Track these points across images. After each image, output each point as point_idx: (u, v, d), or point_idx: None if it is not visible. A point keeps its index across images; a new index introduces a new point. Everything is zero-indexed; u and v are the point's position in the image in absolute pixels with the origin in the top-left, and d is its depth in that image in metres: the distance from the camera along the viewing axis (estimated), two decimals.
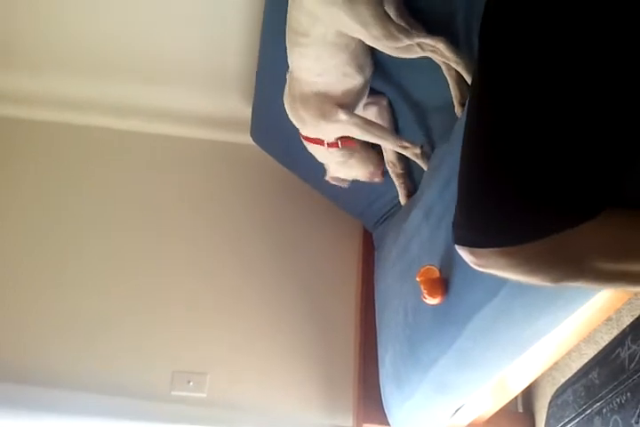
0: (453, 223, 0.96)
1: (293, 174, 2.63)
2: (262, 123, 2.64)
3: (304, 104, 2.01)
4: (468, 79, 1.72)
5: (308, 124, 2.07)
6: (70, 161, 2.82)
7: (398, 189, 2.22)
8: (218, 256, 2.63)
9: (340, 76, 1.94)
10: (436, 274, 1.54)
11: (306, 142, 2.16)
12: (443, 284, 1.50)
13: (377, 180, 2.21)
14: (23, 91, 2.84)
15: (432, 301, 1.53)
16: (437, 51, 1.74)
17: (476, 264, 0.93)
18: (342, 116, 1.97)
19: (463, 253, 0.94)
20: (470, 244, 0.92)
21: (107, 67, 2.79)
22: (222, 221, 2.72)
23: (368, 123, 1.99)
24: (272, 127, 2.52)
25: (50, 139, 2.86)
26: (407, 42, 1.75)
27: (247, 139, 2.75)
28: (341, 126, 1.99)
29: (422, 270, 1.58)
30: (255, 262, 2.61)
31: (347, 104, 2.00)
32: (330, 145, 2.11)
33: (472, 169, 0.94)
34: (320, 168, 2.28)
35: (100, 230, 2.65)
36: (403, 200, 2.24)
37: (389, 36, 1.75)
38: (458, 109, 1.78)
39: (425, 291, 1.53)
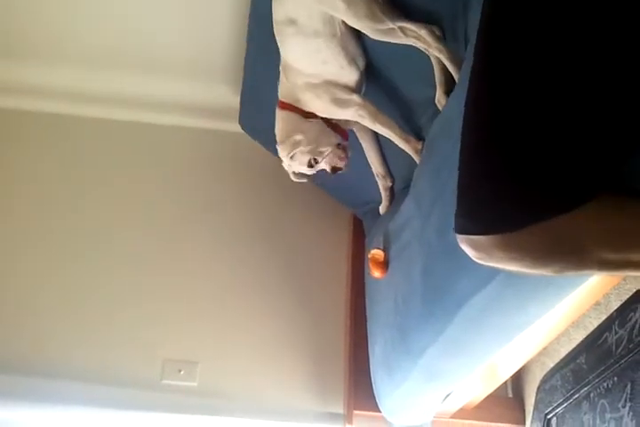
0: (455, 214, 0.96)
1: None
2: (251, 110, 2.63)
3: (315, 92, 1.97)
4: (450, 67, 1.73)
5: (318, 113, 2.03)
6: (59, 151, 2.81)
7: (383, 199, 2.23)
8: (206, 246, 2.62)
9: (338, 67, 1.94)
10: (382, 258, 1.97)
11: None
12: (385, 264, 1.95)
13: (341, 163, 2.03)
14: (11, 81, 2.82)
15: (375, 274, 1.98)
16: (420, 37, 1.74)
17: (476, 257, 0.93)
18: (357, 99, 1.95)
19: (464, 246, 0.94)
20: (468, 231, 0.92)
21: (94, 56, 2.78)
22: (211, 210, 2.71)
23: (379, 109, 1.96)
24: (261, 115, 2.50)
25: (38, 128, 2.84)
26: (390, 24, 1.75)
27: (236, 126, 2.73)
28: (354, 112, 1.96)
29: (373, 251, 2.01)
30: (244, 251, 2.61)
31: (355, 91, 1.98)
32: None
33: (468, 156, 0.94)
34: None
35: (89, 222, 2.63)
36: (383, 210, 2.25)
37: (372, 17, 1.75)
38: (440, 97, 1.78)
39: (370, 267, 2.00)
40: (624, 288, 1.68)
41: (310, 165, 2.01)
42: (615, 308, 1.67)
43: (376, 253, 2.00)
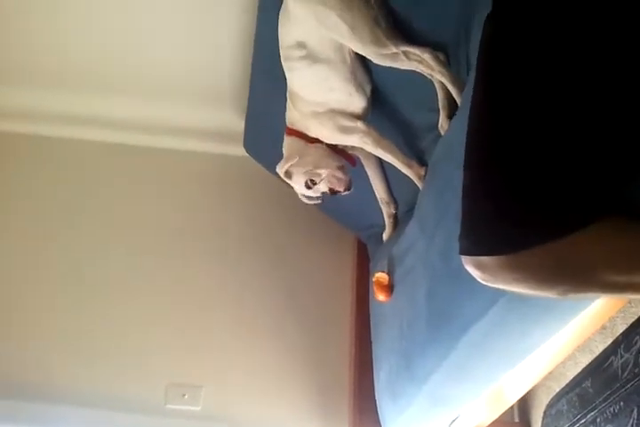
0: (459, 235, 0.96)
1: (287, 186, 2.63)
2: (256, 134, 2.65)
3: (319, 120, 2.00)
4: (453, 91, 1.74)
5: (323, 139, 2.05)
6: (65, 175, 2.82)
7: (387, 227, 2.24)
8: (210, 269, 2.62)
9: (347, 94, 1.96)
10: (386, 281, 1.96)
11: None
12: (390, 288, 1.95)
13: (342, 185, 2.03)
14: (16, 106, 2.84)
15: (380, 298, 1.98)
16: (423, 61, 1.76)
17: (482, 279, 0.93)
18: (361, 126, 1.97)
19: (469, 267, 0.94)
20: (473, 252, 0.93)
21: (101, 81, 2.80)
22: (215, 234, 2.71)
23: (382, 136, 1.98)
24: (265, 138, 2.52)
25: (44, 153, 2.85)
26: (394, 49, 1.78)
27: (241, 150, 2.75)
28: (358, 138, 1.98)
29: (377, 275, 2.01)
30: (248, 275, 2.61)
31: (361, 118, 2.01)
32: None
33: (471, 178, 0.95)
34: None
35: (94, 245, 2.64)
36: (386, 237, 2.26)
37: (376, 42, 1.78)
38: (443, 122, 1.79)
39: (375, 290, 1.99)
40: (629, 312, 1.67)
41: (308, 186, 2.03)
42: (621, 331, 1.66)
43: (380, 276, 2.00)
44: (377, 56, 1.83)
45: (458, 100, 1.73)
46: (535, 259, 0.88)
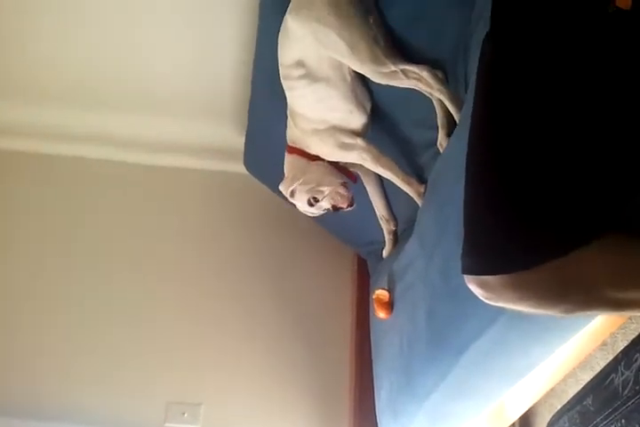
0: (462, 254, 0.97)
1: (287, 203, 2.63)
2: (255, 151, 2.66)
3: (320, 137, 2.02)
4: (451, 109, 1.75)
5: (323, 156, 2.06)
6: (63, 192, 2.81)
7: (387, 243, 2.24)
8: (209, 286, 2.62)
9: (347, 112, 1.97)
10: (386, 298, 1.95)
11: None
12: (390, 305, 1.94)
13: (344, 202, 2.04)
14: (10, 122, 2.84)
15: (380, 315, 1.96)
16: (422, 79, 1.77)
17: (485, 297, 0.94)
18: (361, 142, 1.98)
19: (472, 286, 0.94)
20: (475, 271, 0.93)
21: (100, 98, 2.80)
22: (215, 251, 2.71)
23: (382, 153, 1.99)
24: (265, 156, 2.53)
25: (42, 170, 2.85)
26: (392, 67, 1.79)
27: (240, 168, 2.76)
28: (357, 155, 1.99)
29: (377, 292, 2.00)
30: (248, 292, 2.61)
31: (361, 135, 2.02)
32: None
33: (473, 197, 0.96)
34: None
35: (94, 262, 2.64)
36: (386, 254, 2.25)
37: (375, 60, 1.80)
38: (442, 140, 1.80)
39: (375, 307, 1.98)
40: (630, 328, 1.66)
41: (311, 204, 2.04)
42: (622, 348, 1.65)
43: (381, 293, 2.00)
44: (376, 74, 1.84)
45: (456, 118, 1.74)
46: (538, 277, 0.88)
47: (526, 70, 0.90)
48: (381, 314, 1.97)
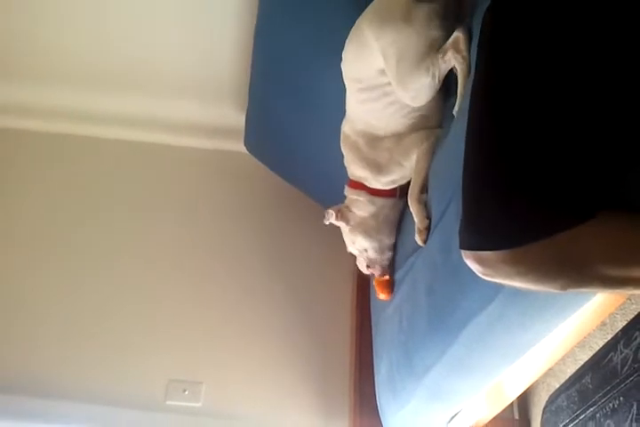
0: (460, 230, 0.97)
1: (287, 183, 2.63)
2: (256, 131, 2.65)
3: (394, 145, 1.81)
4: (463, 80, 1.69)
5: (389, 169, 1.86)
6: (65, 170, 2.83)
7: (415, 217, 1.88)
8: (211, 268, 2.63)
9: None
10: (387, 279, 1.93)
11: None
12: (391, 286, 1.91)
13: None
14: (20, 102, 2.86)
15: (381, 296, 1.95)
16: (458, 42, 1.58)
17: (482, 273, 0.94)
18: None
19: (470, 261, 0.94)
20: (474, 247, 0.93)
21: (100, 78, 2.81)
22: (215, 231, 2.72)
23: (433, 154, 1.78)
24: (266, 136, 2.52)
25: (45, 149, 2.87)
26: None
27: (241, 147, 2.75)
28: (429, 133, 1.78)
29: None
30: (249, 274, 2.61)
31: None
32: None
33: (472, 173, 0.96)
34: (314, 177, 2.27)
35: (95, 243, 2.65)
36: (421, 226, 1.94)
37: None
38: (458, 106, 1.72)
39: (376, 289, 1.96)
40: (629, 308, 1.67)
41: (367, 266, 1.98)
42: (620, 328, 1.66)
43: None
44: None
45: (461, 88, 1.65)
46: (536, 253, 0.88)
47: (527, 43, 0.90)
48: (382, 295, 1.98)
